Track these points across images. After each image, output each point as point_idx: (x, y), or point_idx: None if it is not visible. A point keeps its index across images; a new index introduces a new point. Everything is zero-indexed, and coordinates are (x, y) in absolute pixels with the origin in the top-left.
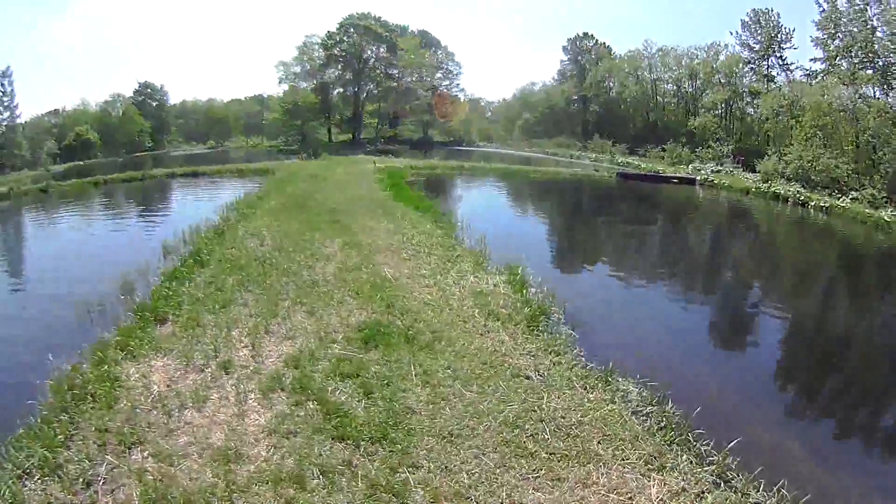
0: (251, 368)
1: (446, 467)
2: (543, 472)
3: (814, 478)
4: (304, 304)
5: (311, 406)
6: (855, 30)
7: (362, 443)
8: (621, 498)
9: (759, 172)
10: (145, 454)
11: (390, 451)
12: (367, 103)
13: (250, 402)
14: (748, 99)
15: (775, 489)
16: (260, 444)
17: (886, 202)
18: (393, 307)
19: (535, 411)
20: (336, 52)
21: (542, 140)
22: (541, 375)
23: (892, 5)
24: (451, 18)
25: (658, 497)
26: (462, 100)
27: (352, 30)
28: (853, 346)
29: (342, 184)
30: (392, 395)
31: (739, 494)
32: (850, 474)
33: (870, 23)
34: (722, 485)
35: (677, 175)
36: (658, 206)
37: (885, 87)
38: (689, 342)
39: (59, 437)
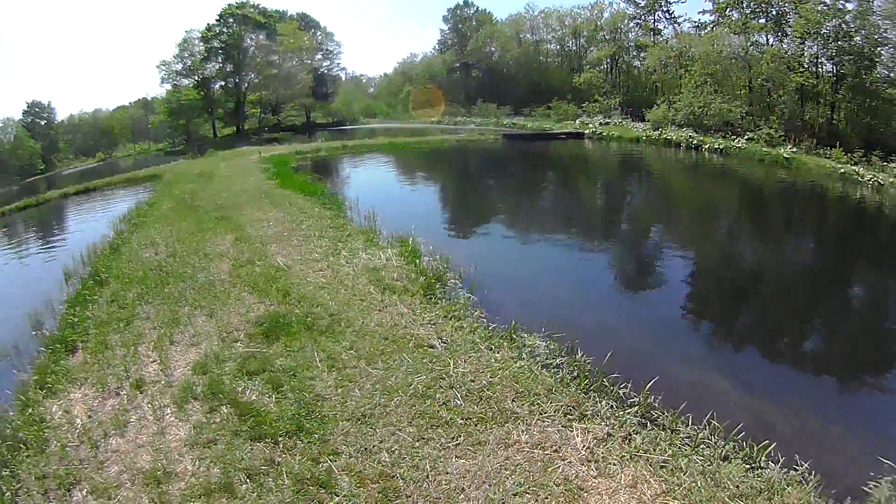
0: (163, 382)
1: (366, 449)
2: (462, 438)
3: (742, 406)
4: (204, 307)
5: (225, 410)
6: None
7: (280, 439)
8: (546, 452)
9: (648, 121)
10: (84, 493)
11: (309, 443)
12: (249, 93)
13: (168, 417)
14: (634, 53)
15: (705, 421)
16: (185, 458)
17: (784, 140)
18: (289, 296)
19: (443, 379)
20: (216, 44)
21: (426, 109)
22: (444, 342)
23: None
24: None
25: (584, 446)
26: (343, 78)
27: (231, 20)
28: (761, 279)
29: (228, 179)
30: (300, 386)
31: (669, 431)
32: (777, 398)
33: None
34: (648, 424)
35: (564, 131)
36: (547, 163)
37: (778, 34)
38: (592, 292)
39: (7, 494)
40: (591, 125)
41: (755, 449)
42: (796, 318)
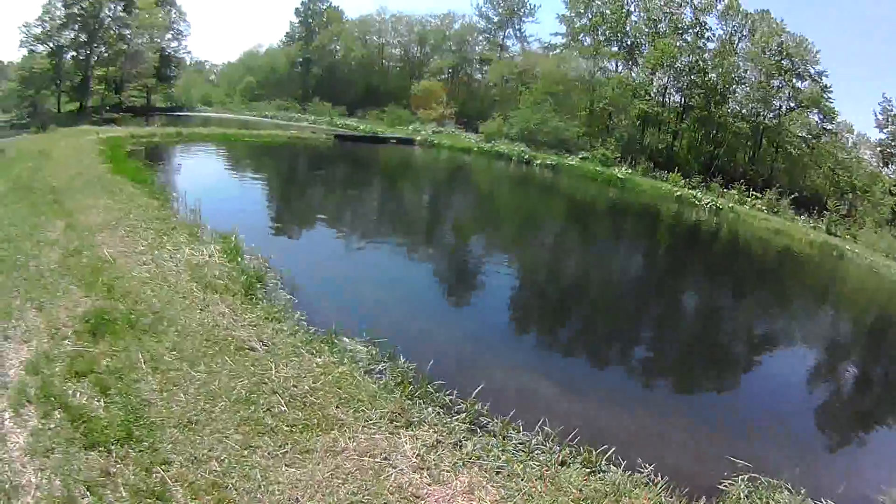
0: None
1: (195, 458)
2: (290, 446)
3: (574, 411)
4: (34, 300)
5: (58, 415)
6: (608, 12)
7: (112, 447)
8: (377, 460)
9: (481, 133)
10: None
11: (140, 452)
12: (96, 68)
13: (7, 423)
14: (477, 66)
15: (537, 427)
16: (27, 469)
17: (620, 161)
18: (114, 290)
19: (265, 384)
20: (76, 10)
21: (263, 103)
22: (265, 345)
23: None
24: None
25: (414, 453)
26: (188, 62)
27: None
28: (588, 288)
29: (66, 159)
30: (127, 389)
31: (500, 437)
32: (610, 403)
33: (626, 7)
34: (478, 431)
35: (395, 136)
36: (375, 167)
37: (629, 62)
38: (415, 297)
39: None
40: (423, 132)
41: (594, 453)
42: (624, 326)
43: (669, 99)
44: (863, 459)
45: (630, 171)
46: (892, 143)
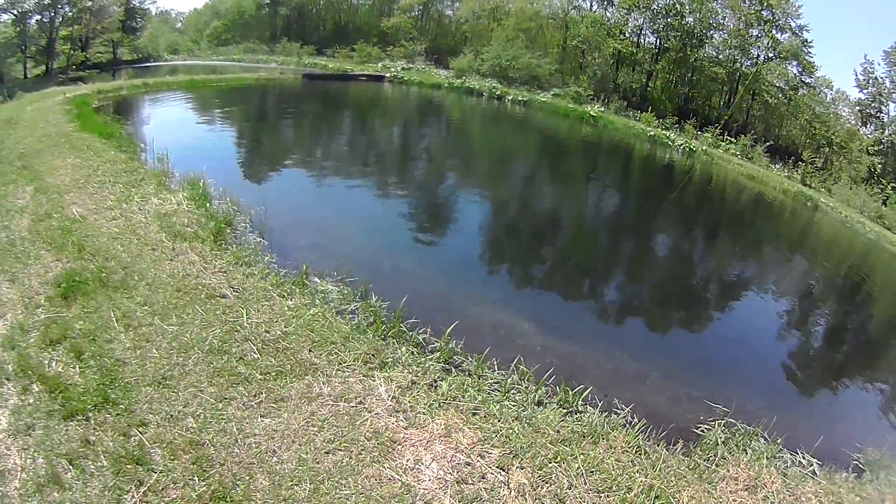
0: None
1: (171, 416)
2: (264, 394)
3: (550, 349)
4: (6, 272)
5: (36, 388)
6: None
7: (90, 414)
8: (352, 405)
9: (452, 69)
10: None
11: (117, 415)
12: (62, 28)
13: None
14: (448, 2)
15: (513, 366)
16: (11, 451)
17: (593, 99)
18: (84, 250)
19: (237, 331)
20: None
21: (231, 47)
22: (236, 291)
23: None
24: None
25: (390, 395)
26: (153, 13)
27: None
28: (562, 225)
29: (33, 124)
30: (101, 351)
31: (476, 377)
32: (586, 342)
33: None
34: (453, 371)
35: (365, 73)
36: (345, 104)
37: (604, 1)
38: (387, 234)
39: None
40: (392, 69)
41: (570, 393)
42: (599, 265)
43: (644, 40)
44: (838, 413)
45: (603, 109)
46: (872, 104)
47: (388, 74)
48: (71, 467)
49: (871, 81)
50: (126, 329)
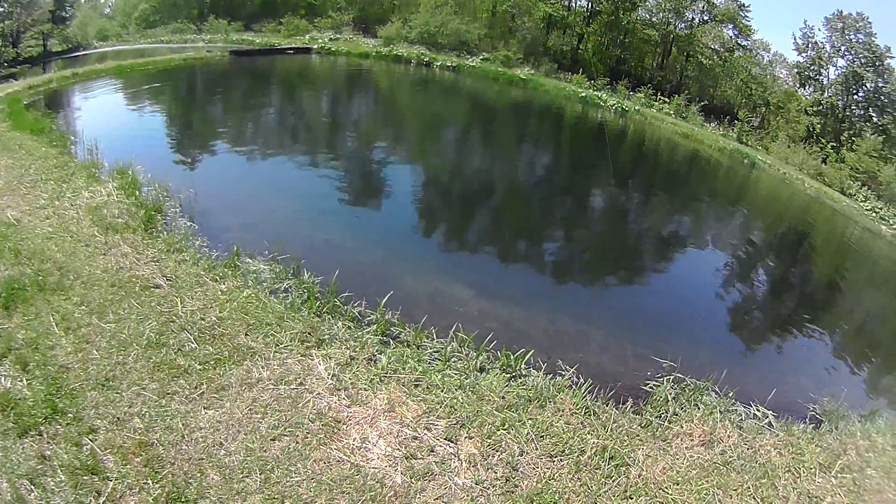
0: None
1: (118, 419)
2: (205, 385)
3: (488, 314)
4: None
5: None
6: None
7: (42, 428)
8: (292, 387)
9: (380, 38)
10: None
11: (67, 425)
12: None
13: None
14: None
15: (451, 333)
16: None
17: (522, 63)
18: (20, 255)
19: (173, 321)
20: None
21: (158, 29)
22: (169, 280)
23: None
24: None
25: (329, 374)
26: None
27: None
28: (494, 189)
29: None
30: (44, 359)
31: (414, 347)
32: (524, 305)
33: None
34: (391, 343)
35: (292, 46)
36: (272, 79)
37: None
38: (316, 208)
39: None
40: (320, 40)
41: (512, 358)
42: (533, 227)
43: (576, 3)
44: (788, 366)
45: (533, 71)
46: (811, 67)
47: (315, 46)
48: (33, 487)
49: (810, 45)
50: (66, 333)
